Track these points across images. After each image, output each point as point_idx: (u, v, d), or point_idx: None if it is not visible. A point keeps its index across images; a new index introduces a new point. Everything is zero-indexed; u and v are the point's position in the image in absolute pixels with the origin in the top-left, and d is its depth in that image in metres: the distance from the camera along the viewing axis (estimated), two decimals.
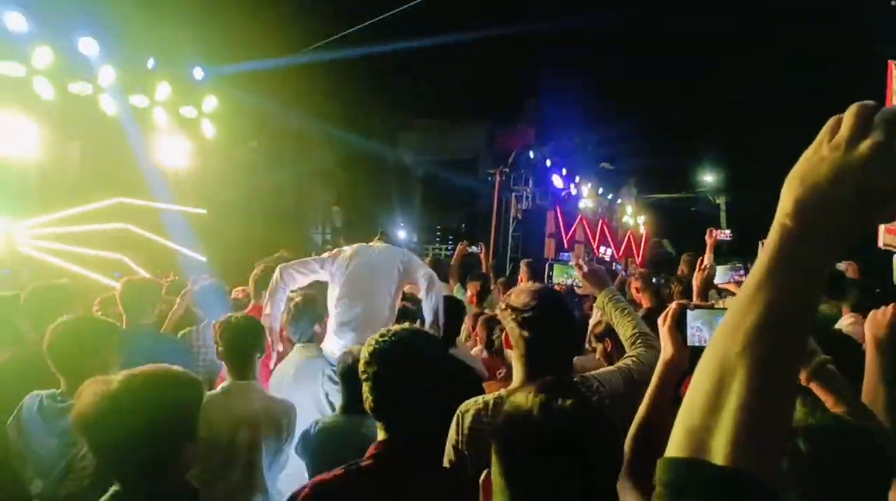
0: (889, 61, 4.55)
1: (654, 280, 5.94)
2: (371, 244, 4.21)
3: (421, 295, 4.08)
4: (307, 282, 4.07)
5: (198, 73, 9.04)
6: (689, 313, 1.59)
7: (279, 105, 10.34)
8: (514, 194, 14.73)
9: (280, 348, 3.78)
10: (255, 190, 10.86)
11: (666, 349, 1.59)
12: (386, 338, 1.82)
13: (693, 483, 0.67)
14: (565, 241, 14.08)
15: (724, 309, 1.59)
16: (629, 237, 17.30)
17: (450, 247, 15.24)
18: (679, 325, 1.59)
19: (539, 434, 1.18)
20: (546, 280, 2.81)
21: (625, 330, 2.41)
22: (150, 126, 8.72)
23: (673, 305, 1.65)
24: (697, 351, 1.56)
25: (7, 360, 3.14)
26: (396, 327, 1.91)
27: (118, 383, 1.52)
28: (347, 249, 4.10)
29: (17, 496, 2.49)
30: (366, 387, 1.81)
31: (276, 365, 3.72)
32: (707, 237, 5.22)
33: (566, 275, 2.66)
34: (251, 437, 2.80)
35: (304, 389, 3.37)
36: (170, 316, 4.43)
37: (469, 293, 6.23)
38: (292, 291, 3.93)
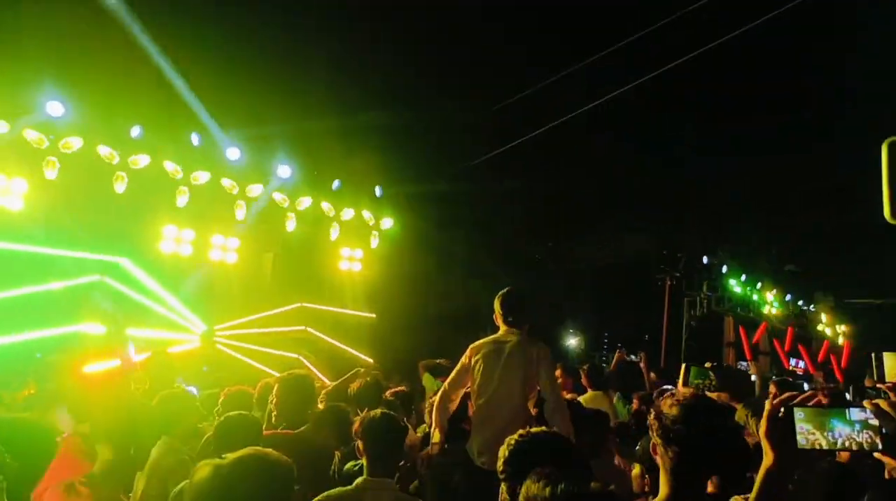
0: None
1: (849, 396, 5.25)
2: (499, 335, 4.16)
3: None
4: (464, 391, 4.15)
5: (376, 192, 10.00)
6: (796, 412, 1.44)
7: (449, 218, 10.96)
8: (686, 300, 13.98)
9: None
10: (423, 296, 11.36)
11: (766, 454, 1.45)
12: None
13: None
14: (746, 351, 12.90)
15: (839, 409, 1.42)
16: (825, 348, 15.37)
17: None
18: (786, 426, 1.45)
19: None
20: (683, 383, 2.64)
21: None
22: (331, 237, 9.68)
23: (771, 403, 1.51)
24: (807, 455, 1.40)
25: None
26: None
27: (227, 462, 1.72)
28: (476, 344, 4.10)
29: None
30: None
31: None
32: None
33: (702, 379, 2.49)
34: None
35: None
36: None
37: (634, 406, 6.08)
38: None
